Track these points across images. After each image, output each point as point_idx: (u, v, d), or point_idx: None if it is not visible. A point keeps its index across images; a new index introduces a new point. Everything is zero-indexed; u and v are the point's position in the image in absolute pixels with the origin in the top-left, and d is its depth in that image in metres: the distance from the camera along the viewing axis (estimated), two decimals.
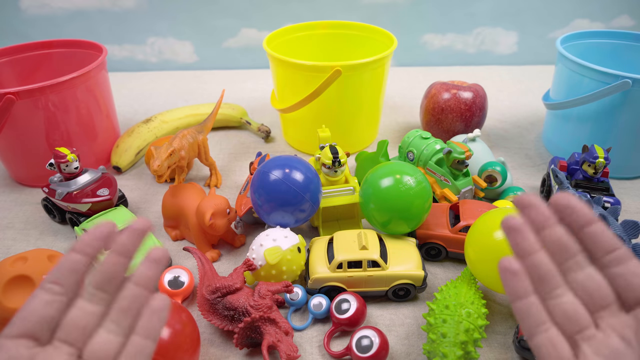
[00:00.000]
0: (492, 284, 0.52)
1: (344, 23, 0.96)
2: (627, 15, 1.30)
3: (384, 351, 0.49)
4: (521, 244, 0.31)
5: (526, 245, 0.31)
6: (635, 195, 0.78)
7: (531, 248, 0.31)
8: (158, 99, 1.14)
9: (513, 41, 1.34)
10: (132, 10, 1.24)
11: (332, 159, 0.64)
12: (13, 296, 0.48)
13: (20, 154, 0.77)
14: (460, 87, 0.85)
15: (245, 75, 1.27)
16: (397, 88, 1.19)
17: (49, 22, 1.24)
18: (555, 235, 0.31)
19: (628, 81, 0.70)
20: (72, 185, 0.66)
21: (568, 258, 0.31)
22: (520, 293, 0.30)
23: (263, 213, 0.61)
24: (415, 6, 1.26)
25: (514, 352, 0.52)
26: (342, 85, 0.77)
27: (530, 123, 1.01)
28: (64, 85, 0.72)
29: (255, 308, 0.50)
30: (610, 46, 0.90)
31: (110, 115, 0.86)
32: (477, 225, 0.53)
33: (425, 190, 0.59)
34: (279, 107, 0.85)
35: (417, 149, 0.72)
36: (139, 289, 0.31)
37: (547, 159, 0.88)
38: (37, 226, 0.72)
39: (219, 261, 0.65)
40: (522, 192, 0.71)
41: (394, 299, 0.58)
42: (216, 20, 1.27)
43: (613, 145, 0.75)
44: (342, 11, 1.26)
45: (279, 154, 0.87)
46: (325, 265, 0.57)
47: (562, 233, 0.31)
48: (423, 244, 0.63)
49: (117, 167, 0.83)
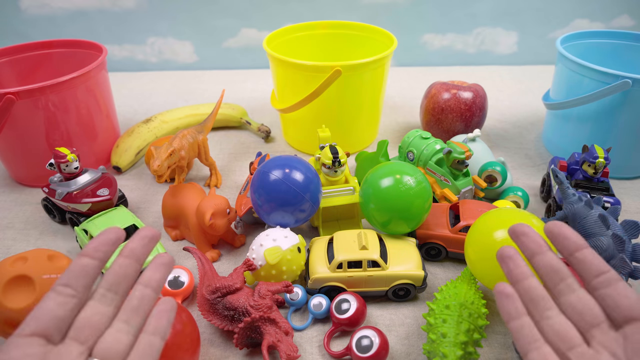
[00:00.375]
0: (492, 284, 0.52)
1: (344, 23, 0.96)
2: (627, 15, 1.30)
3: (384, 351, 0.49)
4: (514, 270, 0.35)
5: (518, 272, 0.35)
6: (635, 195, 0.78)
7: (523, 274, 0.34)
8: (158, 99, 1.14)
9: (513, 41, 1.34)
10: (132, 10, 1.24)
11: (332, 159, 0.64)
12: (13, 296, 0.48)
13: (20, 154, 0.77)
14: (460, 87, 0.85)
15: (245, 75, 1.27)
16: (397, 88, 1.19)
17: (49, 22, 1.24)
18: (547, 260, 0.34)
19: (628, 81, 0.70)
20: (72, 185, 0.66)
21: (560, 281, 0.34)
22: (513, 314, 0.33)
23: (263, 213, 0.61)
24: (415, 6, 1.26)
25: (514, 352, 0.52)
26: (342, 85, 0.77)
27: (530, 123, 1.01)
28: (64, 85, 0.72)
29: (255, 308, 0.50)
30: (610, 46, 0.90)
31: (110, 115, 0.86)
32: (477, 225, 0.53)
33: (425, 190, 0.59)
34: (279, 107, 0.85)
35: (417, 149, 0.72)
36: (147, 290, 0.33)
37: (547, 159, 0.88)
38: (37, 226, 0.72)
39: (219, 261, 0.65)
40: (522, 192, 0.71)
41: (394, 299, 0.58)
42: (216, 20, 1.27)
43: (613, 145, 0.75)
44: (342, 11, 1.26)
45: (279, 154, 0.87)
46: (325, 265, 0.57)
47: (553, 258, 0.34)
48: (423, 244, 0.63)
49: (117, 167, 0.83)
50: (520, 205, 0.71)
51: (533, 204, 0.75)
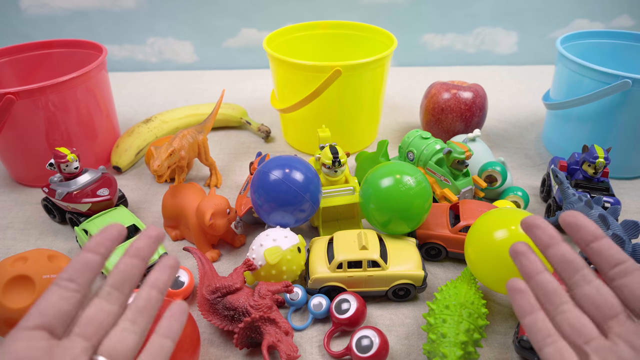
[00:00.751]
0: (492, 284, 0.52)
1: (344, 23, 0.96)
2: (627, 15, 1.30)
3: (384, 351, 0.49)
4: (527, 266, 0.34)
5: (531, 267, 0.34)
6: (635, 195, 0.78)
7: (536, 269, 0.34)
8: (158, 99, 1.14)
9: (513, 41, 1.34)
10: (132, 10, 1.24)
11: (332, 159, 0.64)
12: (13, 296, 0.48)
13: (20, 154, 0.77)
14: (460, 87, 0.85)
15: (245, 75, 1.27)
16: (397, 88, 1.19)
17: (49, 22, 1.24)
18: (560, 252, 0.33)
19: (628, 81, 0.70)
20: (72, 185, 0.66)
21: (574, 273, 0.33)
22: (527, 309, 0.33)
23: (263, 213, 0.61)
24: (415, 6, 1.26)
25: (514, 352, 0.52)
26: (342, 85, 0.77)
27: (530, 123, 1.01)
28: (64, 85, 0.72)
29: (255, 308, 0.50)
30: (610, 46, 0.90)
31: (110, 115, 0.86)
32: (477, 225, 0.53)
33: (425, 190, 0.59)
34: (279, 107, 0.85)
35: (417, 149, 0.72)
36: (153, 291, 0.33)
37: (547, 159, 0.88)
38: (37, 226, 0.72)
39: (219, 261, 0.65)
40: (522, 192, 0.71)
41: (394, 299, 0.58)
42: (216, 20, 1.27)
43: (613, 145, 0.75)
44: (342, 11, 1.26)
45: (279, 154, 0.87)
46: (325, 265, 0.57)
47: (567, 250, 0.33)
48: (423, 244, 0.63)
49: (117, 167, 0.83)
50: (520, 205, 0.71)
51: (533, 204, 0.75)
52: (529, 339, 0.48)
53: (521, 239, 0.49)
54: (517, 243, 0.35)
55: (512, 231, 0.49)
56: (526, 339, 0.48)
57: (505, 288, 0.34)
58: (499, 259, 0.49)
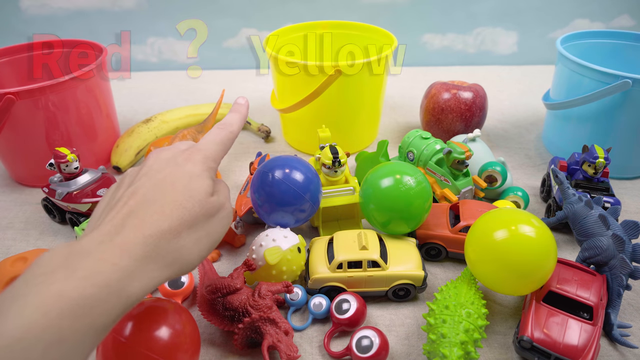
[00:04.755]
0: (492, 284, 0.52)
1: (344, 23, 0.96)
2: (627, 15, 1.30)
3: (384, 351, 0.49)
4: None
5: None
6: (635, 195, 0.78)
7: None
8: (158, 99, 1.14)
9: (513, 41, 1.34)
10: (132, 10, 1.24)
11: (332, 159, 0.64)
12: None
13: (20, 154, 0.77)
14: (460, 87, 0.85)
15: (245, 75, 1.27)
16: (397, 88, 1.19)
17: (49, 22, 1.24)
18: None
19: (628, 81, 0.70)
20: (72, 185, 0.66)
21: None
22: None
23: (263, 213, 0.61)
24: (415, 6, 1.26)
25: (514, 352, 0.52)
26: (342, 85, 0.77)
27: (530, 123, 1.01)
28: (64, 85, 0.72)
29: (255, 308, 0.50)
30: (610, 46, 0.90)
31: (110, 115, 0.86)
32: (477, 225, 0.53)
33: (425, 190, 0.59)
34: (279, 107, 0.85)
35: (417, 149, 0.72)
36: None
37: (547, 159, 0.88)
38: (37, 226, 0.72)
39: (219, 261, 0.65)
40: (522, 192, 0.71)
41: (394, 299, 0.58)
42: (216, 20, 1.27)
43: (613, 145, 0.75)
44: (342, 11, 1.26)
45: (279, 154, 0.87)
46: (325, 266, 0.57)
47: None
48: (423, 244, 0.63)
49: (117, 167, 0.83)
50: (520, 206, 0.71)
51: (533, 204, 0.75)
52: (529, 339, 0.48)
53: (521, 239, 0.49)
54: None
55: (512, 231, 0.49)
56: (526, 339, 0.48)
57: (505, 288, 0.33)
58: (499, 259, 0.49)
